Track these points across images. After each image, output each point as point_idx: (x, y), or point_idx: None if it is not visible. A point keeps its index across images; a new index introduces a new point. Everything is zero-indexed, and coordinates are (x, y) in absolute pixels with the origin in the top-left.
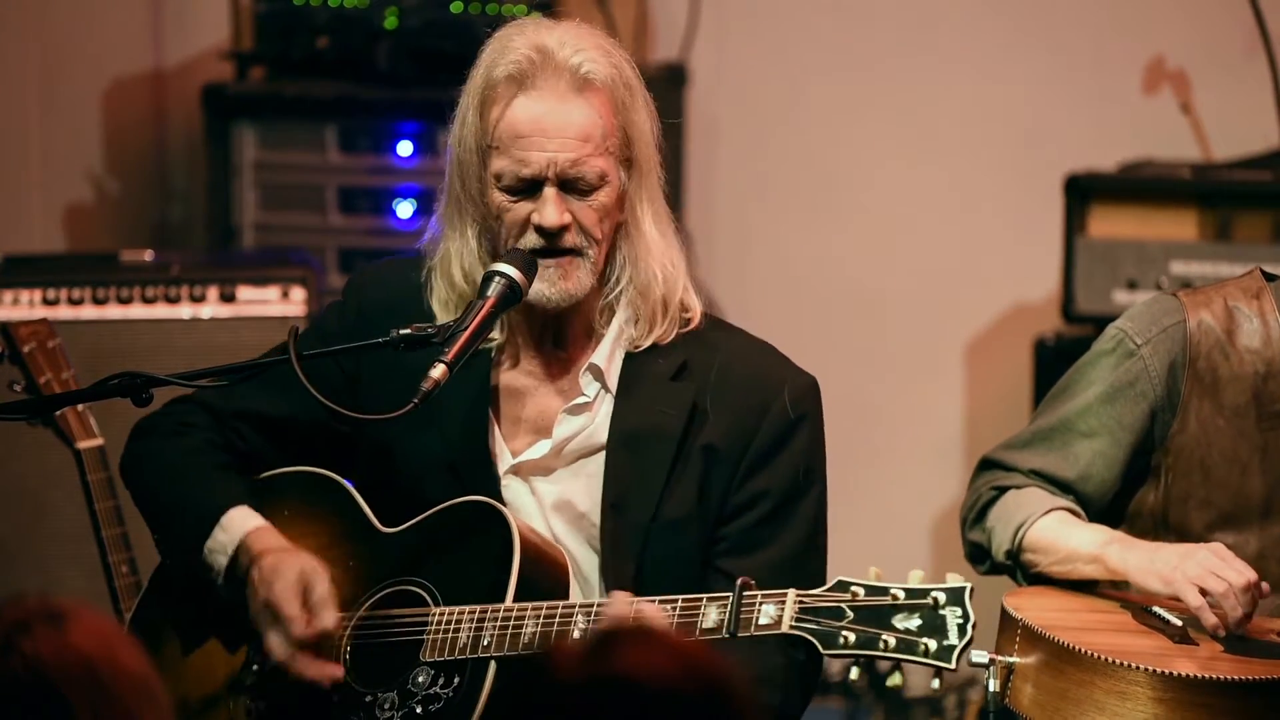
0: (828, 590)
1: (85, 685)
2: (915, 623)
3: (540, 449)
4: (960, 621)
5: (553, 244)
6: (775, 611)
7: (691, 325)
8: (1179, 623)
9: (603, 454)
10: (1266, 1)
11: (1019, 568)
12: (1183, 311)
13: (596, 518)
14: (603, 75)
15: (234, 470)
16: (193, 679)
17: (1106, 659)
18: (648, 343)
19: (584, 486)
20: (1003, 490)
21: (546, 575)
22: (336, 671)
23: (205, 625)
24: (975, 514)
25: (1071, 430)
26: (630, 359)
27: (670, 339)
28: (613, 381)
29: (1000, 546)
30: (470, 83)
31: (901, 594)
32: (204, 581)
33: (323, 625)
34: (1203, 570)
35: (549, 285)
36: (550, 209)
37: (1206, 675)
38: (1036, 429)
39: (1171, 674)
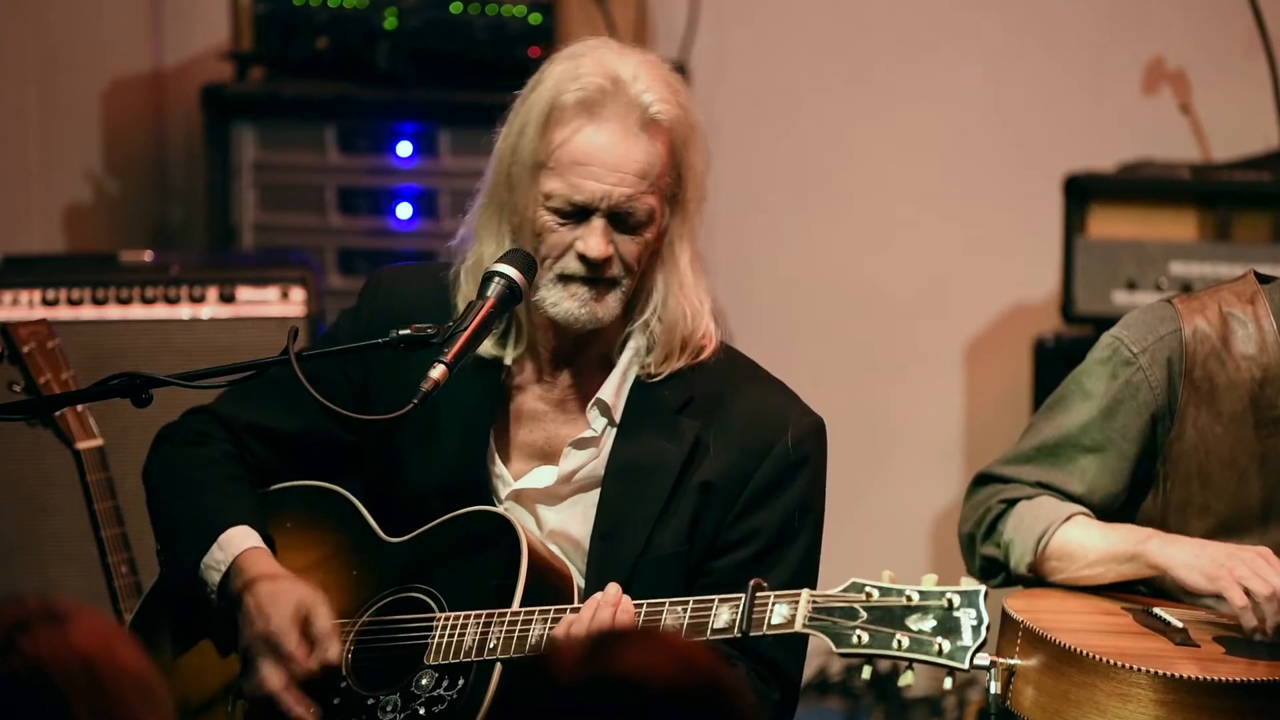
0: (842, 590)
1: (85, 685)
2: (929, 624)
3: (545, 478)
4: (974, 623)
5: (593, 273)
6: (789, 611)
7: (703, 355)
8: (1180, 625)
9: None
10: (1266, 2)
11: (1039, 578)
12: (1178, 319)
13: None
14: (670, 116)
15: (245, 484)
16: (194, 680)
17: (1108, 661)
18: (663, 373)
19: (582, 516)
20: (1011, 502)
21: (553, 585)
22: (315, 715)
23: (207, 628)
24: (986, 528)
25: (1075, 445)
26: (638, 389)
27: (679, 365)
28: (619, 414)
29: (1021, 559)
30: (534, 95)
31: (916, 595)
32: (199, 595)
33: (326, 658)
34: (1249, 571)
35: (580, 305)
36: (596, 240)
37: (1208, 677)
38: (1039, 444)
39: (1173, 676)
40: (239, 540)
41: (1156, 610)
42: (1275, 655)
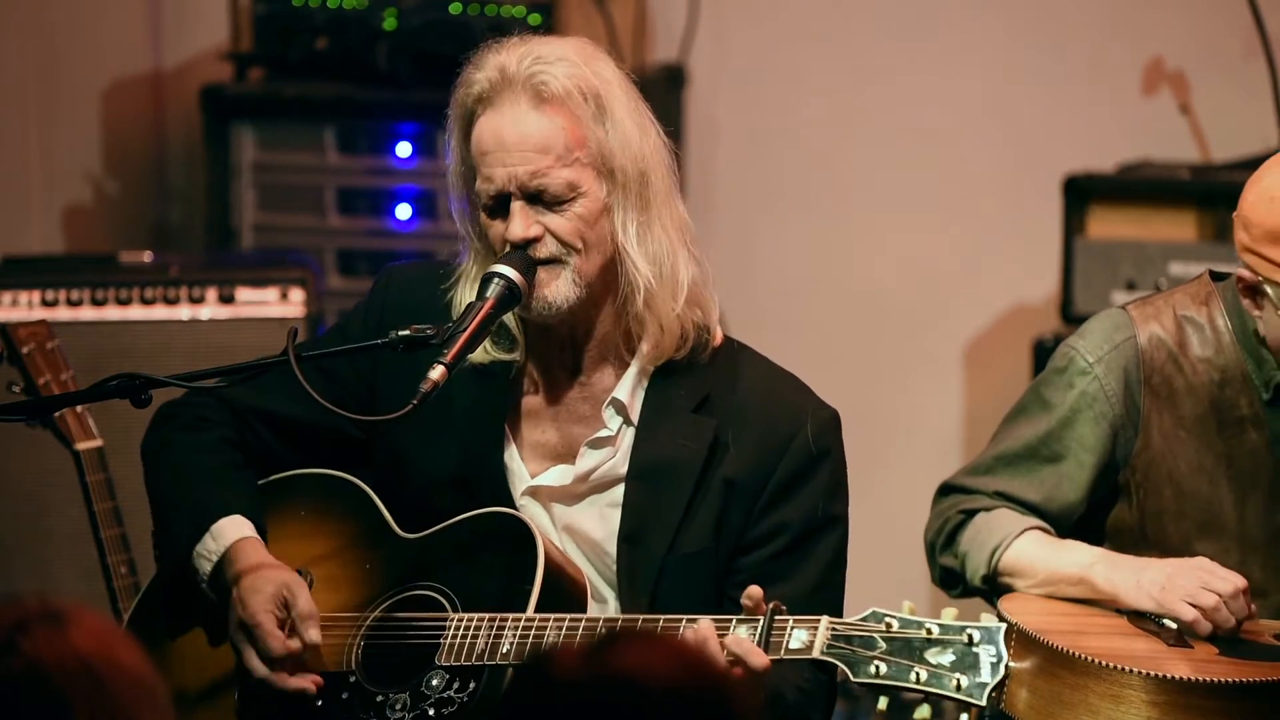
0: (861, 619)
1: (84, 685)
2: (948, 658)
3: (561, 476)
4: (994, 660)
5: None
6: (807, 637)
7: (710, 349)
8: (1173, 626)
9: (622, 485)
10: (1265, 3)
11: (994, 591)
12: (1132, 326)
13: (610, 547)
14: (560, 88)
15: (243, 470)
16: (197, 674)
17: (1101, 663)
18: (663, 357)
19: (599, 515)
20: (970, 513)
21: (567, 592)
22: (311, 686)
23: (209, 622)
24: (944, 539)
25: (1034, 455)
26: (653, 389)
27: (685, 358)
28: (635, 414)
29: (976, 571)
30: (451, 109)
31: (936, 629)
32: (191, 582)
33: (306, 639)
34: (1193, 586)
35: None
36: (515, 222)
37: (1200, 678)
38: (999, 454)
39: (1166, 677)
40: (231, 530)
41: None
42: (1267, 656)
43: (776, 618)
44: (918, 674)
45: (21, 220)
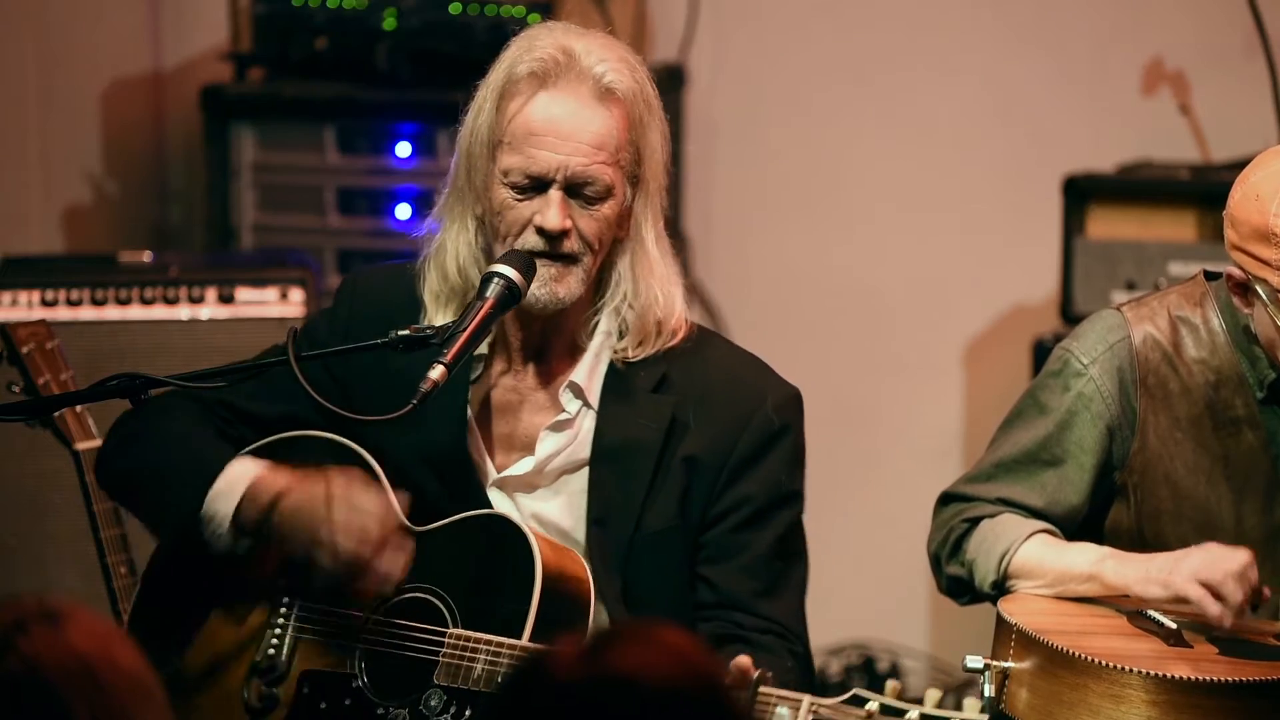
0: (843, 701)
1: (82, 685)
2: None
3: (523, 465)
4: None
5: (552, 248)
6: (789, 715)
7: (677, 337)
8: (1173, 626)
9: (586, 470)
10: (1265, 3)
11: (1004, 596)
12: (1126, 327)
13: (579, 534)
14: (625, 88)
15: (227, 440)
16: (198, 671)
17: (1100, 662)
18: (637, 356)
19: (566, 502)
20: (974, 521)
21: (566, 600)
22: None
23: (209, 617)
24: (950, 548)
25: (1034, 460)
26: (613, 373)
27: (654, 350)
28: (594, 397)
29: (985, 578)
30: (491, 76)
31: (916, 716)
32: (202, 540)
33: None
34: (1199, 565)
35: (540, 286)
36: (554, 212)
37: (1201, 677)
38: (998, 461)
39: (1166, 676)
40: (246, 469)
41: (1149, 611)
42: (1267, 656)
43: (761, 689)
44: None
45: (21, 220)
